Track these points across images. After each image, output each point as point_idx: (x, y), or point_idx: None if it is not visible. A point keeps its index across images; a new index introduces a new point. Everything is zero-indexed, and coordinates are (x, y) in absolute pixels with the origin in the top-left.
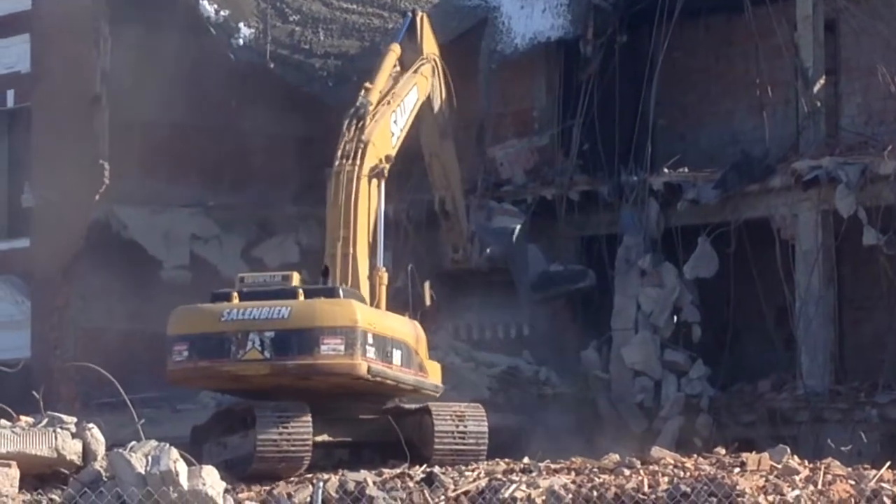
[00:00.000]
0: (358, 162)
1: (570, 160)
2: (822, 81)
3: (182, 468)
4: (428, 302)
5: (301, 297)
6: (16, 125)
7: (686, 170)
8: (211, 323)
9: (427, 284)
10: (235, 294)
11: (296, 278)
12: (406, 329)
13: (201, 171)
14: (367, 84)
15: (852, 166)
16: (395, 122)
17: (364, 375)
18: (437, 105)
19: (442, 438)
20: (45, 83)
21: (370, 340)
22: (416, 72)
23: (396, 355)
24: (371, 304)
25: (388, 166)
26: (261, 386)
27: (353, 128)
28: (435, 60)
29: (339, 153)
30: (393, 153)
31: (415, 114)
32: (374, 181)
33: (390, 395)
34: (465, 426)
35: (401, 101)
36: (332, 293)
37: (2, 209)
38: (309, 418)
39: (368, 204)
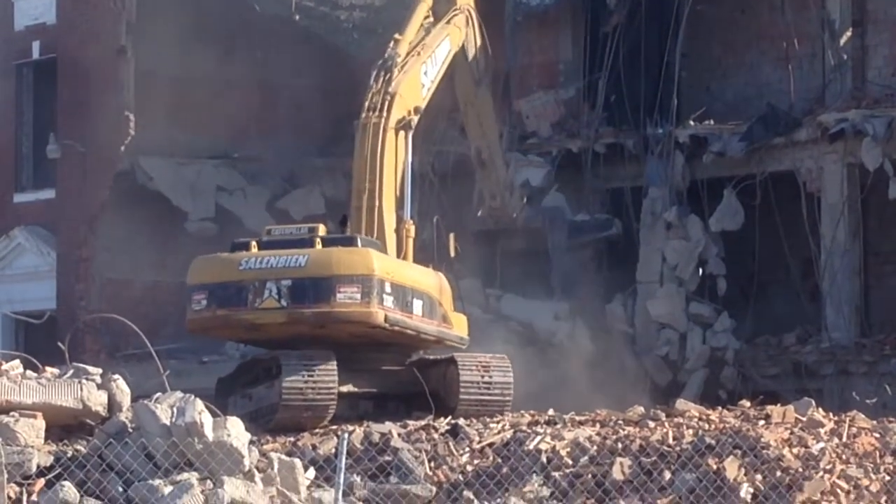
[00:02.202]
0: (384, 114)
1: (596, 113)
2: (848, 33)
3: (207, 419)
4: (452, 253)
5: (318, 246)
6: (41, 76)
7: (712, 122)
8: (229, 272)
9: (452, 236)
10: (254, 243)
11: (322, 230)
12: (429, 280)
13: (227, 122)
14: (397, 35)
15: (879, 119)
16: (425, 73)
17: (380, 324)
18: (471, 55)
19: (467, 389)
20: (70, 35)
21: (387, 289)
22: (448, 22)
23: (417, 305)
24: (398, 257)
25: (415, 118)
26: (278, 334)
27: (380, 79)
28: (469, 11)
29: (366, 105)
30: (423, 104)
31: (447, 65)
32: (402, 133)
33: (413, 346)
34: (491, 377)
35: (432, 52)
36: (349, 242)
37: (27, 160)
38: (334, 367)
39: (395, 156)
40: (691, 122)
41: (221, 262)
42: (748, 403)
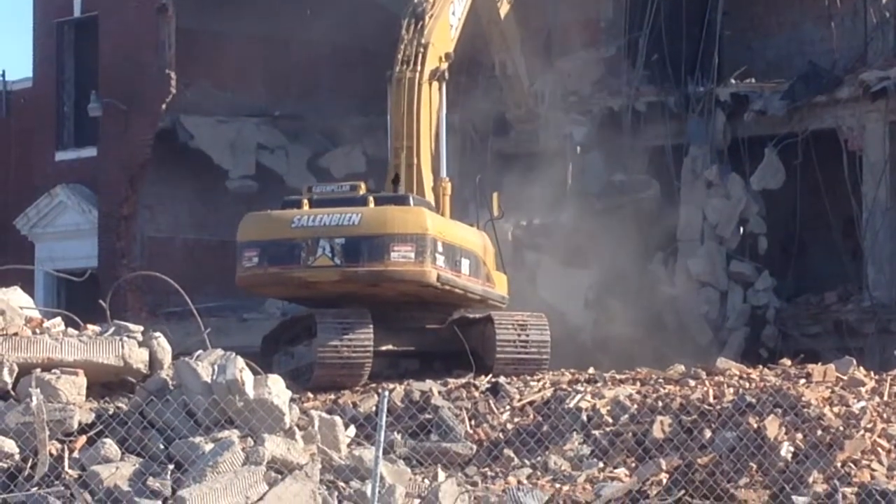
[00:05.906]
0: (418, 67)
1: (637, 71)
2: None
3: (248, 377)
4: (496, 213)
5: (371, 205)
6: (83, 34)
7: (753, 80)
8: (281, 229)
9: (496, 195)
10: (306, 201)
11: (363, 188)
12: (475, 239)
13: (268, 81)
14: None
15: None
16: (453, 13)
17: (433, 283)
18: None
19: (504, 347)
20: None
21: (440, 248)
22: None
23: (465, 264)
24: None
25: (447, 66)
26: (330, 293)
27: (412, 28)
28: None
29: (400, 57)
30: (452, 49)
31: None
32: (435, 84)
33: (458, 304)
34: (528, 335)
35: None
36: (402, 201)
37: (69, 118)
38: (370, 325)
39: (430, 111)
40: (732, 81)
41: (273, 219)
42: (789, 362)
